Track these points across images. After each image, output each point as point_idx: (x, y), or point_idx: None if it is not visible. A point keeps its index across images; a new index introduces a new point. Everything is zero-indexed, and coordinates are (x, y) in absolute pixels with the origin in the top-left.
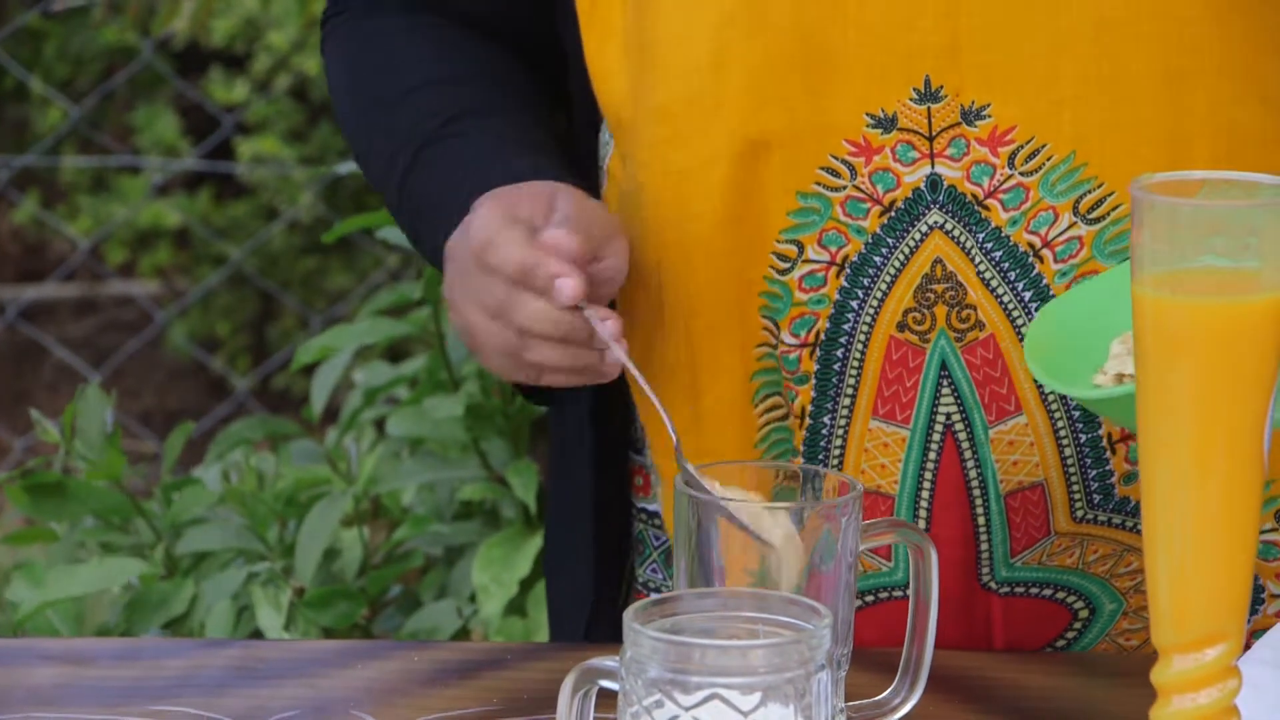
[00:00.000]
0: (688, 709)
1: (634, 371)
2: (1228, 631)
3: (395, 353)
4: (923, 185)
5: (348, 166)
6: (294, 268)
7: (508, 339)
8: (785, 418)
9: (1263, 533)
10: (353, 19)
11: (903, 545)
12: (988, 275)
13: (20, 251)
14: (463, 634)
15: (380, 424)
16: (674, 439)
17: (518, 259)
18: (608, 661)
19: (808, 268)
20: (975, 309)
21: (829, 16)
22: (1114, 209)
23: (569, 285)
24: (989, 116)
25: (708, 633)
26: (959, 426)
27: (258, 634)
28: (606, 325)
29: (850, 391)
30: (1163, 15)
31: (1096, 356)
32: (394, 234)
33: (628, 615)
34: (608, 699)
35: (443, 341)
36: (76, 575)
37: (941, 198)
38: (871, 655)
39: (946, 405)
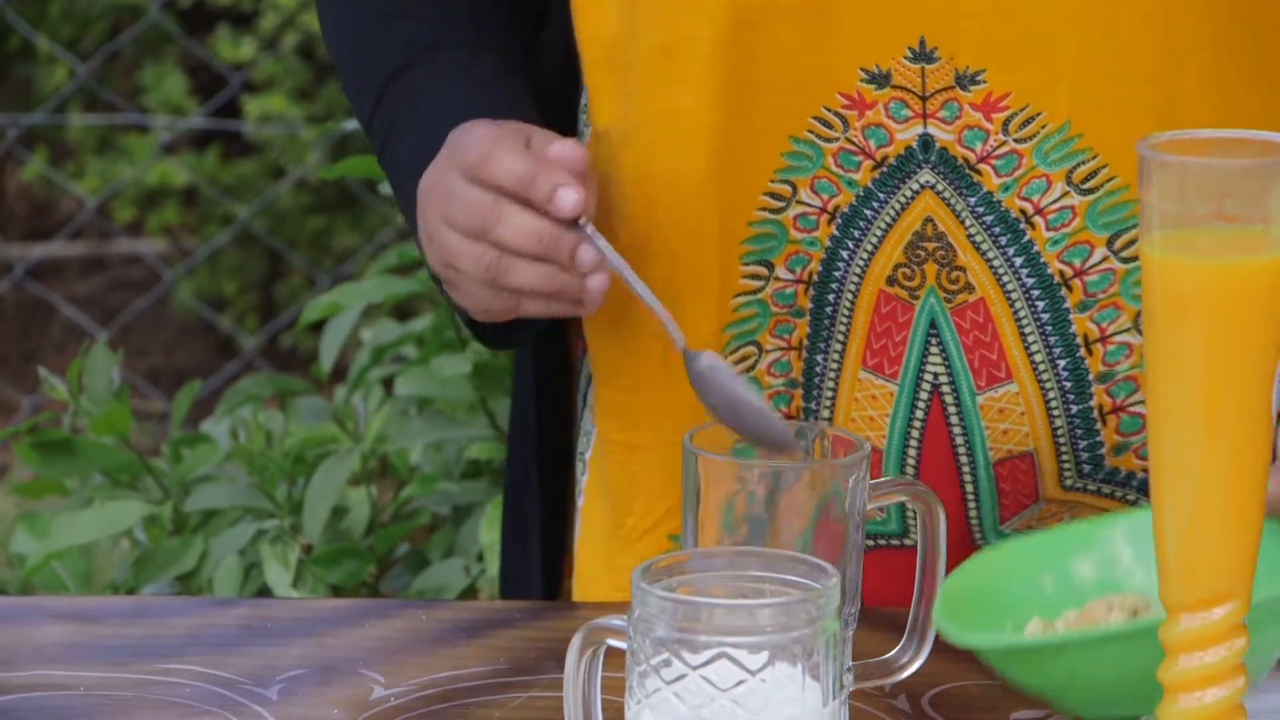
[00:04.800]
0: (695, 668)
1: (636, 284)
2: (1235, 590)
3: (403, 311)
4: (915, 144)
5: (355, 124)
6: (302, 226)
7: (488, 260)
8: (753, 368)
9: None
10: None
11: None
12: (978, 239)
13: (28, 210)
14: (470, 593)
15: (388, 383)
16: (679, 341)
17: (520, 168)
18: (615, 620)
19: (801, 209)
20: (965, 271)
21: None
22: (1108, 180)
23: (571, 195)
24: (983, 82)
25: (715, 592)
26: (946, 389)
27: (265, 591)
28: (602, 240)
29: (841, 337)
30: None
31: (1010, 613)
32: None
33: (636, 574)
34: (615, 658)
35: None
36: (80, 522)
37: (933, 158)
38: (879, 614)
39: (935, 365)
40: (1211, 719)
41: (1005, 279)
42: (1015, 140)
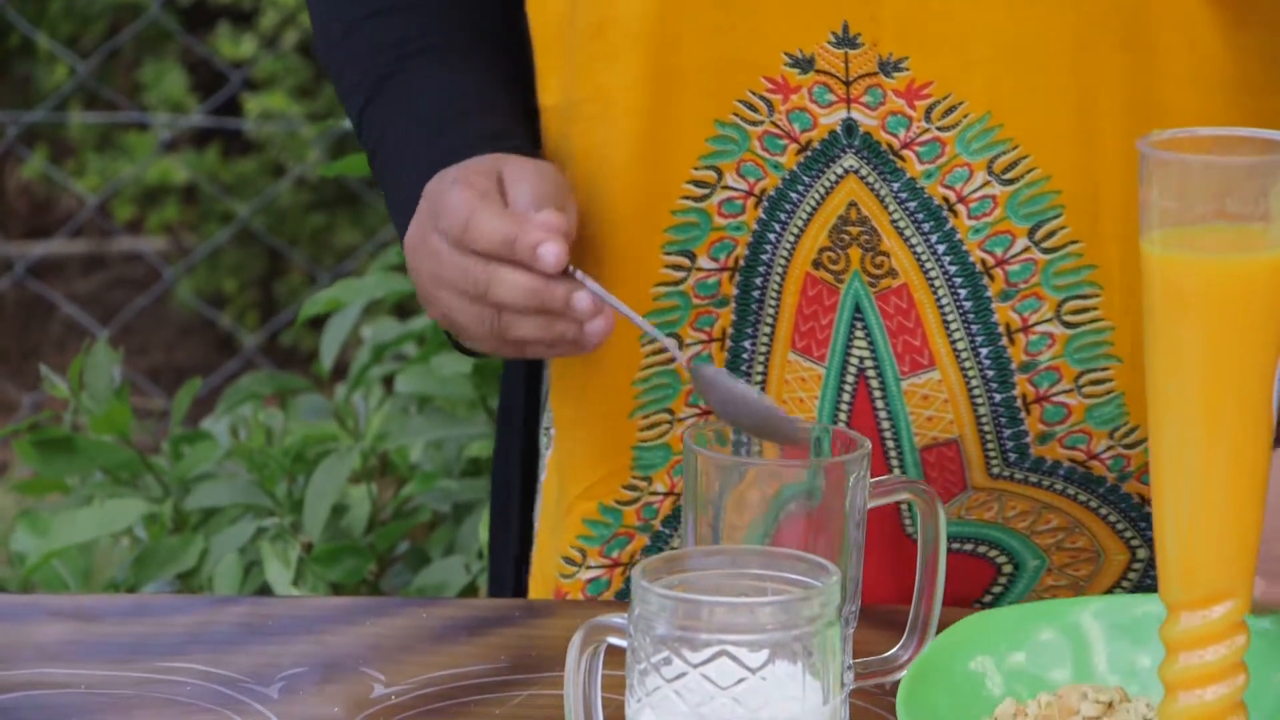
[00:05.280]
0: (696, 666)
1: (633, 316)
2: (1235, 588)
3: (403, 309)
4: (838, 129)
5: None
6: (302, 224)
7: (488, 320)
8: (673, 360)
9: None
10: None
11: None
12: (902, 224)
13: (28, 208)
14: (471, 590)
15: (388, 381)
16: (680, 359)
17: (501, 232)
18: (616, 619)
19: (726, 194)
20: (889, 256)
21: None
22: (1029, 171)
23: (552, 251)
24: (906, 70)
25: (716, 590)
26: (871, 373)
27: (266, 589)
28: (592, 282)
29: (770, 320)
30: None
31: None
32: None
33: (636, 572)
34: (616, 656)
35: None
36: (80, 521)
37: (857, 143)
38: (879, 612)
39: (860, 349)
40: (1212, 717)
41: (928, 265)
42: (938, 129)
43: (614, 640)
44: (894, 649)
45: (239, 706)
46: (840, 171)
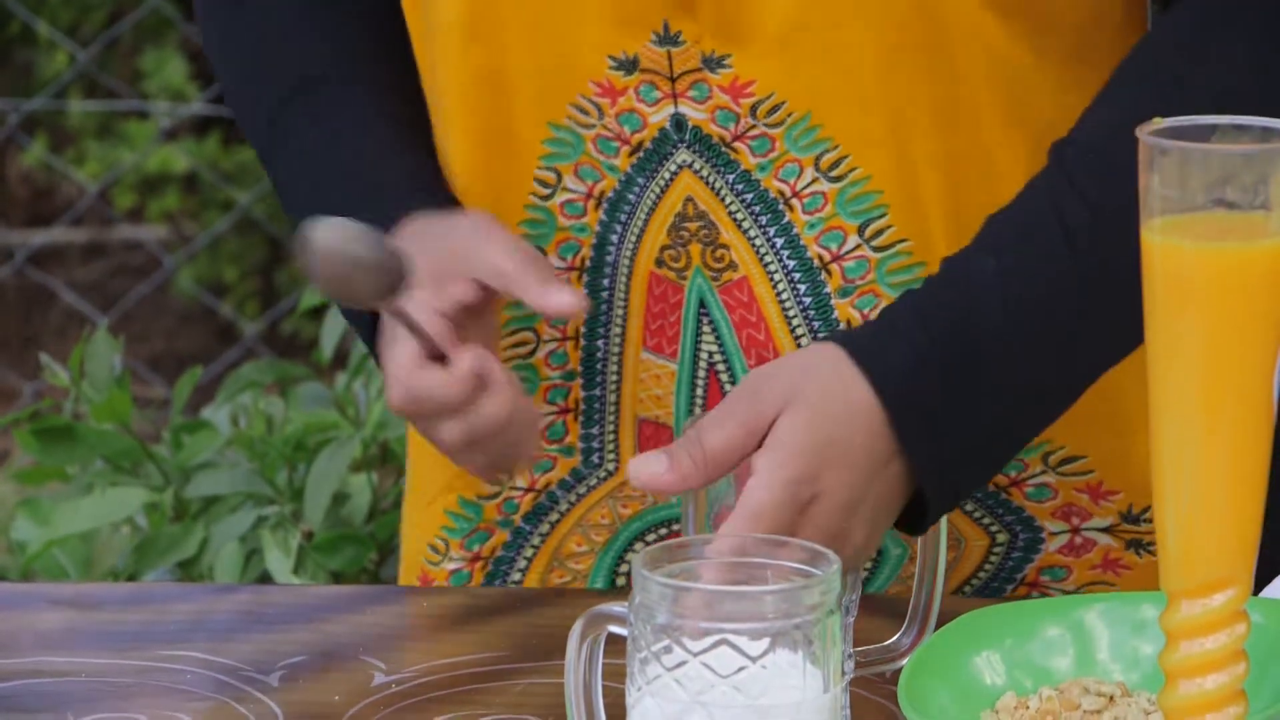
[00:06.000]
0: (696, 654)
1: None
2: (1236, 577)
3: None
4: (668, 125)
5: None
6: None
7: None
8: (531, 354)
9: (1034, 476)
10: None
11: None
12: (739, 216)
13: (29, 196)
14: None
15: None
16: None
17: (440, 395)
18: (616, 607)
19: (567, 195)
20: (729, 249)
21: None
22: (851, 170)
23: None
24: (729, 67)
25: (716, 578)
26: (721, 367)
27: (266, 577)
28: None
29: (620, 320)
30: None
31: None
32: None
33: (637, 561)
34: (617, 644)
35: None
36: (81, 510)
37: (688, 138)
38: (880, 601)
39: (709, 344)
40: (1212, 705)
41: (767, 259)
42: (765, 125)
43: (614, 629)
44: (894, 638)
45: (239, 695)
46: (674, 168)
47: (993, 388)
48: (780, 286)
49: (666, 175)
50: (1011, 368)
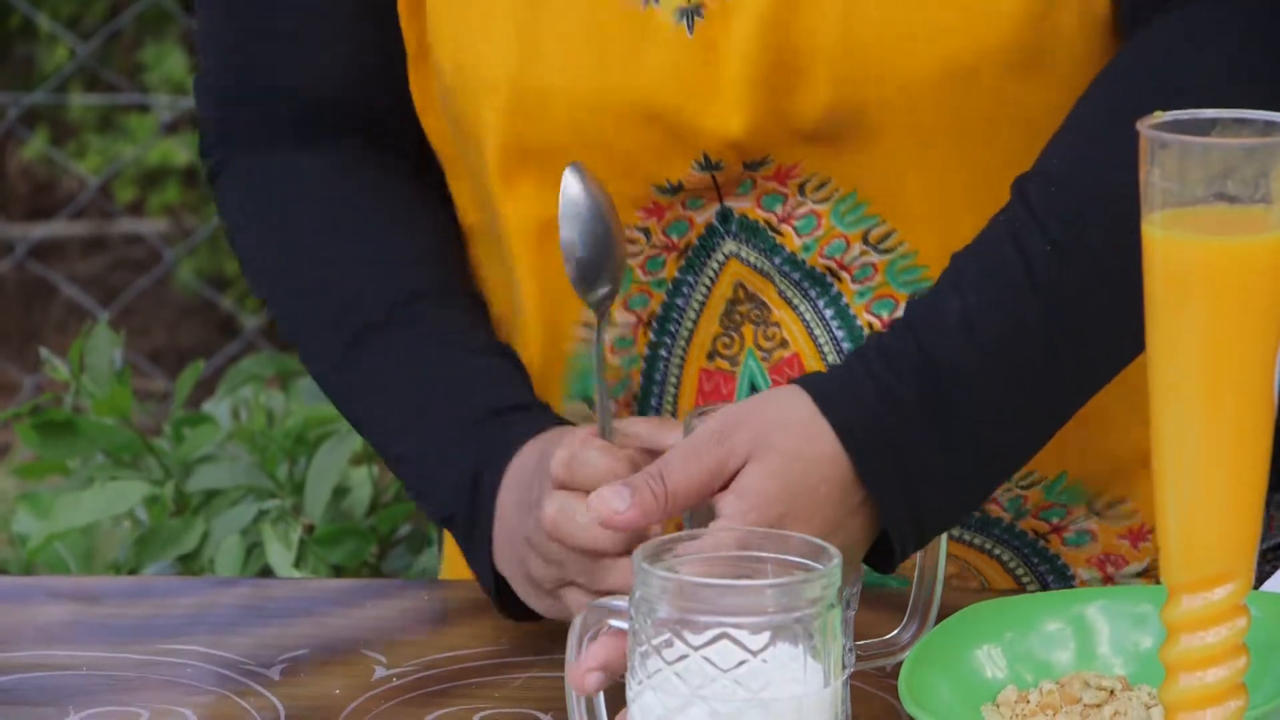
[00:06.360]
0: (697, 648)
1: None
2: (1236, 571)
3: None
4: (714, 220)
5: None
6: None
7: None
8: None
9: (1076, 521)
10: (246, 152)
11: None
12: (789, 294)
13: (29, 189)
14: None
15: None
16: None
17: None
18: (617, 601)
19: (616, 332)
20: (779, 326)
21: (600, 113)
22: (899, 244)
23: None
24: (771, 162)
25: (717, 572)
26: None
27: (267, 571)
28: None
29: (670, 415)
30: (901, 86)
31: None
32: None
33: (637, 555)
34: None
35: None
36: (82, 503)
37: (734, 228)
38: (880, 594)
39: None
40: (1213, 699)
41: (817, 332)
42: (813, 201)
43: (615, 623)
44: (895, 631)
45: (240, 688)
46: (721, 259)
47: (962, 427)
48: (830, 360)
49: (714, 267)
50: (980, 406)
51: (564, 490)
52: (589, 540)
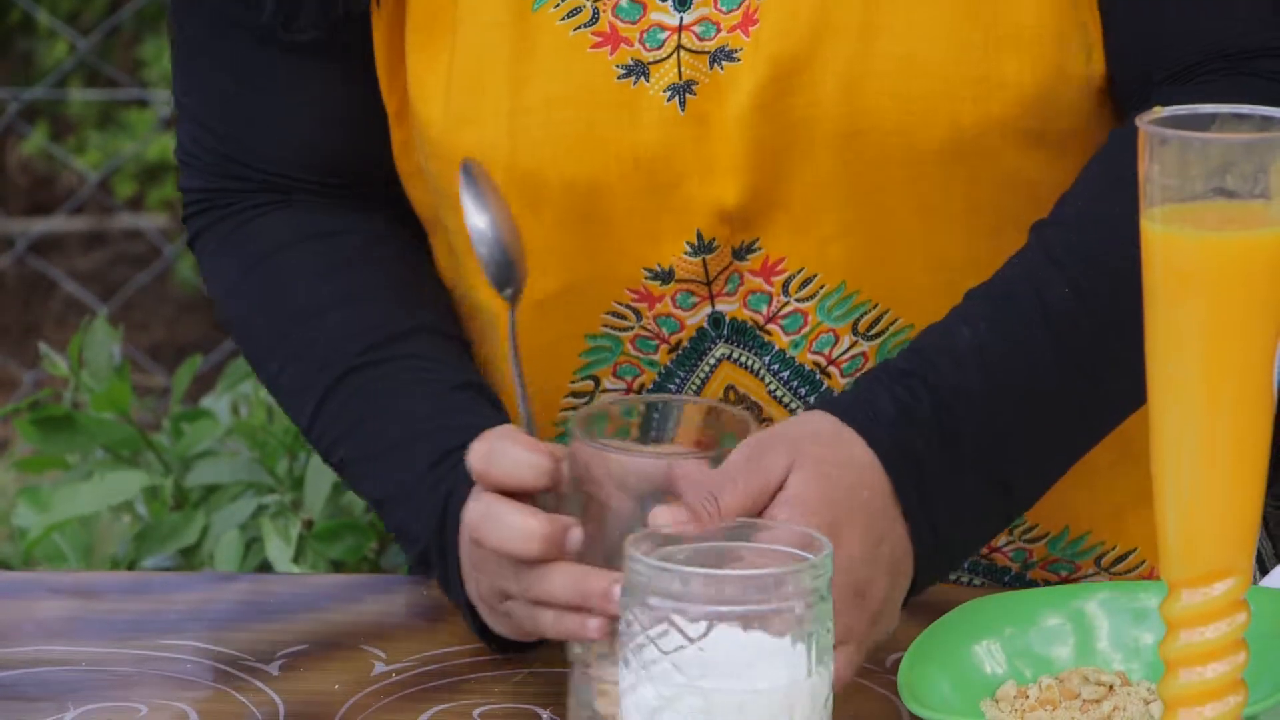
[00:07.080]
0: (689, 638)
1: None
2: (1236, 566)
3: None
4: (705, 324)
5: None
6: None
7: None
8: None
9: (1086, 576)
10: (227, 217)
11: None
12: (779, 393)
13: (29, 184)
14: None
15: None
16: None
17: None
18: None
19: (607, 397)
20: (771, 422)
21: (592, 191)
22: (892, 323)
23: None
24: (759, 249)
25: (708, 562)
26: None
27: (266, 566)
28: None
29: None
30: (908, 158)
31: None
32: None
33: (629, 544)
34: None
35: None
36: (81, 494)
37: (725, 331)
38: None
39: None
40: (1213, 694)
41: None
42: (797, 300)
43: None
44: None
45: (239, 684)
46: (712, 362)
47: (968, 449)
48: None
49: (705, 370)
50: (986, 433)
51: (489, 493)
52: (502, 542)
